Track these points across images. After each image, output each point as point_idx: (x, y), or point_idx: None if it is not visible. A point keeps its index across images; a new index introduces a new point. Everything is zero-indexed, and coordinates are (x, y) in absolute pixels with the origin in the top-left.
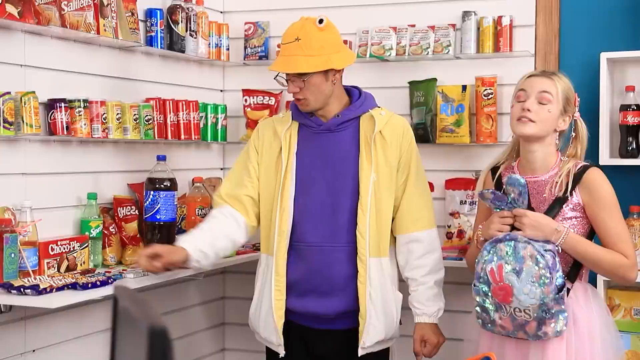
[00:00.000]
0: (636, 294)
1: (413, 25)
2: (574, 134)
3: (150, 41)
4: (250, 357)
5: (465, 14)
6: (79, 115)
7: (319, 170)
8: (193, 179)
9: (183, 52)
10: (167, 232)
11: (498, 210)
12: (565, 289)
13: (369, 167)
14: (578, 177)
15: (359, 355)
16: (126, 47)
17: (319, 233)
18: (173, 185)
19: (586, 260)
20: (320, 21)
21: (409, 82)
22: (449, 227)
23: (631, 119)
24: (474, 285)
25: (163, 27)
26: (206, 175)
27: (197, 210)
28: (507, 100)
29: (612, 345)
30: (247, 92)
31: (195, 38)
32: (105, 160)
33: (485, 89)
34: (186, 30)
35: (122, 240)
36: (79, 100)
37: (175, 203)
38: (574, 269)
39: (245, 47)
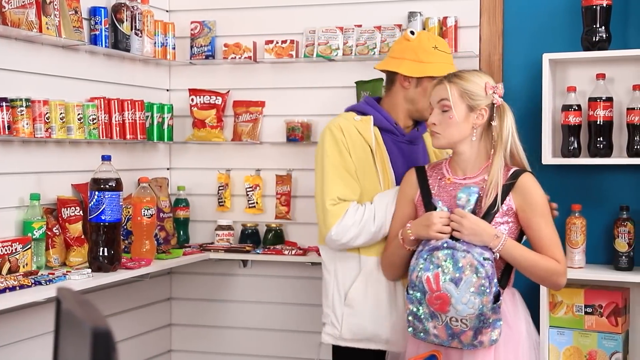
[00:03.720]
0: (577, 291)
1: (359, 26)
2: (494, 123)
3: (94, 40)
4: (197, 357)
5: (411, 15)
6: (21, 114)
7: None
8: (139, 179)
9: (128, 51)
10: (113, 232)
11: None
12: (501, 297)
13: None
14: (511, 182)
15: None
16: (70, 46)
17: None
18: (118, 185)
19: (522, 266)
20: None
21: (356, 82)
22: None
23: (572, 119)
24: (407, 293)
25: (107, 26)
26: (152, 175)
27: (142, 210)
28: None
29: (536, 347)
30: (193, 92)
31: (140, 37)
32: (48, 161)
33: None
34: (131, 29)
35: (66, 242)
36: (20, 100)
37: (121, 203)
38: (505, 275)
39: (192, 47)
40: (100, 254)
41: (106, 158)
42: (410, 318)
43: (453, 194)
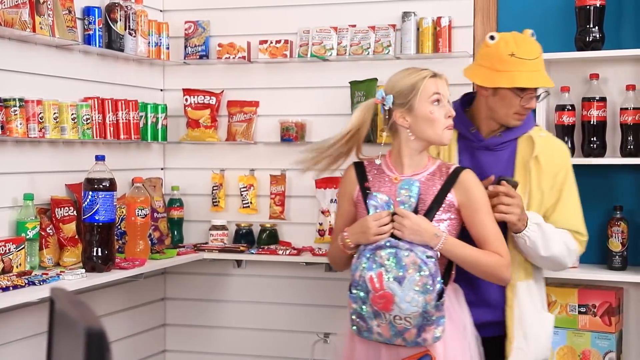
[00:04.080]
0: (571, 291)
1: (354, 26)
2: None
3: (88, 39)
4: (192, 357)
5: (405, 15)
6: (15, 114)
7: None
8: (133, 179)
9: (122, 50)
10: (106, 233)
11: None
12: (445, 293)
13: (524, 192)
14: (452, 178)
15: None
16: (63, 46)
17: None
18: (112, 185)
19: (465, 262)
20: (533, 34)
21: (350, 82)
22: None
23: (566, 119)
24: (351, 292)
25: (101, 26)
26: (146, 176)
27: (136, 210)
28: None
29: (476, 342)
30: (187, 92)
31: (134, 37)
32: (42, 161)
33: None
34: (125, 29)
35: (60, 242)
36: (14, 100)
37: (115, 203)
38: (447, 271)
39: (186, 46)
40: (94, 254)
41: (100, 158)
42: (353, 317)
43: (394, 190)
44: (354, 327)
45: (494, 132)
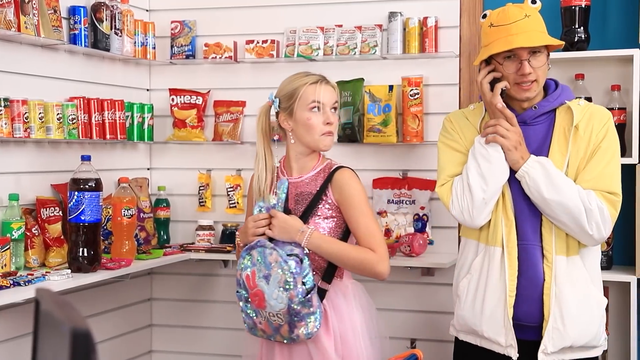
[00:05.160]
0: None
1: (340, 26)
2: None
3: (73, 39)
4: (178, 358)
5: (392, 15)
6: None
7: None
8: (119, 179)
9: (108, 50)
10: (92, 233)
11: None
12: (314, 291)
13: (562, 162)
14: (330, 178)
15: None
16: (49, 45)
17: (521, 229)
18: (98, 185)
19: (332, 258)
20: (534, 1)
21: (337, 82)
22: None
23: None
24: (237, 292)
25: (87, 25)
26: (132, 176)
27: (122, 210)
28: (433, 100)
29: (378, 338)
30: (174, 92)
31: (120, 36)
32: (27, 161)
33: (412, 89)
34: (111, 29)
35: (46, 242)
36: None
37: (101, 204)
38: (330, 268)
39: (172, 46)
40: (80, 254)
41: (86, 158)
42: (243, 315)
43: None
44: (245, 325)
45: (526, 107)
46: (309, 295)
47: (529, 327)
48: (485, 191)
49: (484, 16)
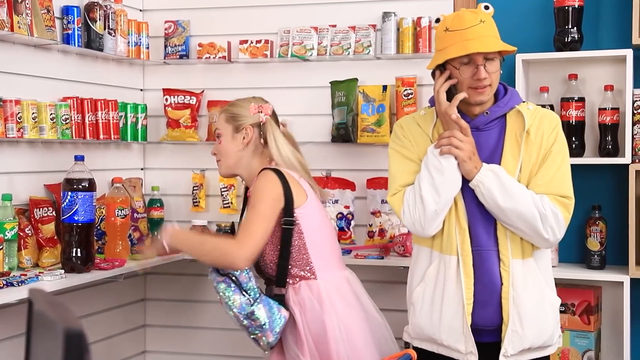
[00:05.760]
0: None
1: (334, 26)
2: (262, 141)
3: (67, 39)
4: (172, 358)
5: (386, 15)
6: None
7: None
8: (113, 180)
9: (101, 50)
10: (86, 233)
11: None
12: (259, 301)
13: (515, 166)
14: None
15: None
16: (42, 45)
17: (475, 236)
18: (92, 185)
19: (189, 252)
20: (487, 7)
21: (331, 82)
22: (370, 225)
23: None
24: None
25: (80, 25)
26: (126, 176)
27: (116, 211)
28: (427, 100)
29: (363, 331)
30: (167, 92)
31: (113, 36)
32: (20, 161)
33: (405, 89)
34: (104, 29)
35: (39, 242)
36: None
37: (94, 204)
38: (280, 271)
39: (166, 46)
40: (74, 254)
41: (79, 158)
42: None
43: None
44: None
45: (477, 114)
46: (252, 308)
47: (487, 331)
48: (437, 203)
49: (437, 20)
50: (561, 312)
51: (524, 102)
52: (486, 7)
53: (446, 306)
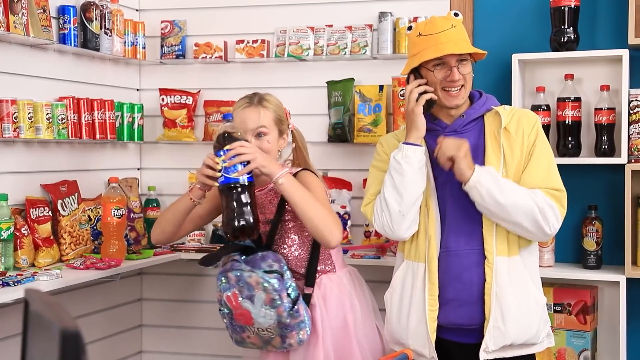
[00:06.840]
0: (546, 290)
1: (330, 26)
2: (294, 145)
3: (63, 39)
4: (168, 358)
5: (382, 15)
6: None
7: (449, 174)
8: (109, 179)
9: (98, 50)
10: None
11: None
12: (299, 300)
13: (498, 162)
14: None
15: None
16: (38, 45)
17: (455, 238)
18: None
19: (302, 203)
20: (456, 14)
21: (327, 82)
22: (367, 225)
23: (542, 119)
24: (220, 310)
25: (77, 25)
26: (122, 176)
27: (112, 210)
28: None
29: (374, 326)
30: (164, 91)
31: (110, 36)
32: (16, 161)
33: (402, 89)
34: (101, 28)
35: (35, 242)
36: None
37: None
38: (310, 272)
39: (162, 46)
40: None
41: (227, 116)
42: (228, 330)
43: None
44: (233, 340)
45: (455, 117)
46: (296, 307)
47: (469, 330)
48: (400, 204)
49: (410, 28)
50: (557, 311)
51: (501, 104)
52: (456, 14)
53: (414, 312)
